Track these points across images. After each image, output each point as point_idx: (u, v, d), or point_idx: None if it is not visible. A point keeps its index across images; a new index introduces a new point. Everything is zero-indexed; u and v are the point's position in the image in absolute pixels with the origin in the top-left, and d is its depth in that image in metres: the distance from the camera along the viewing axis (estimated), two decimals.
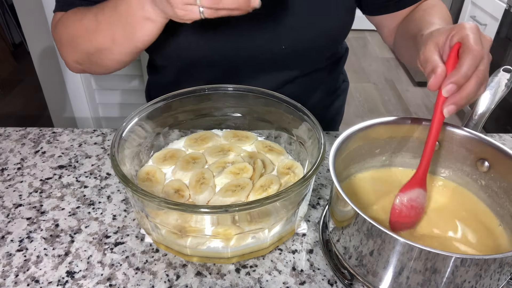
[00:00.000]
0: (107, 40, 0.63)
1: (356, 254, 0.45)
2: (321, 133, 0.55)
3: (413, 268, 0.40)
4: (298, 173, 0.60)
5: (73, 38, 0.67)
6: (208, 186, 0.56)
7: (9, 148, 0.73)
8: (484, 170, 0.53)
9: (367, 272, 0.44)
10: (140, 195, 0.46)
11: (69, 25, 0.67)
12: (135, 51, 0.64)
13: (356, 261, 0.45)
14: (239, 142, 0.66)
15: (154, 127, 0.63)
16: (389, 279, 0.43)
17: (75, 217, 0.60)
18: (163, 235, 0.52)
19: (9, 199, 0.63)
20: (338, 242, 0.48)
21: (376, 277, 0.44)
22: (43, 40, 1.65)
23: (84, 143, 0.75)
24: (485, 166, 0.52)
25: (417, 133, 0.56)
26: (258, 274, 0.52)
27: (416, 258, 0.39)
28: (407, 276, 0.41)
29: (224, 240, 0.50)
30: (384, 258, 0.41)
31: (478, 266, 0.38)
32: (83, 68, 0.71)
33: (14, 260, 0.53)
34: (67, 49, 0.70)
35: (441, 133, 0.54)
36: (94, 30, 0.64)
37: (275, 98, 0.63)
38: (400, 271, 0.41)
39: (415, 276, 0.40)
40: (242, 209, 0.45)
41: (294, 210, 0.53)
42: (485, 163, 0.52)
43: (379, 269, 0.43)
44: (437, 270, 0.39)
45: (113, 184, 0.66)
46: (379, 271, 0.43)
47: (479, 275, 0.39)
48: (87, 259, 0.54)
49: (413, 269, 0.40)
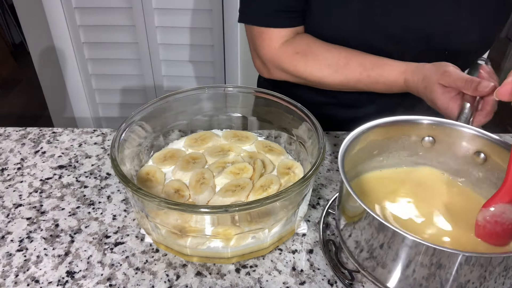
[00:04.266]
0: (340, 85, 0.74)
1: (367, 247, 0.45)
2: (321, 133, 0.55)
3: (419, 262, 0.41)
4: (298, 173, 0.60)
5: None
6: (208, 186, 0.56)
7: (9, 148, 0.73)
8: (480, 162, 0.54)
9: (376, 264, 0.45)
10: (140, 195, 0.46)
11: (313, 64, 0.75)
12: None
13: (367, 253, 0.46)
14: (239, 142, 0.66)
15: (154, 127, 0.63)
16: (398, 273, 0.43)
17: (75, 217, 0.60)
18: (163, 235, 0.52)
19: (9, 199, 0.63)
20: (350, 237, 0.48)
21: (385, 269, 0.44)
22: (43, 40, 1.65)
23: (84, 143, 0.75)
24: (481, 158, 0.54)
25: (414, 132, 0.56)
26: (258, 274, 0.52)
27: (422, 253, 0.40)
28: (414, 270, 0.42)
29: (224, 240, 0.50)
30: (393, 251, 0.42)
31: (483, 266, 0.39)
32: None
33: (14, 260, 0.53)
34: (280, 73, 0.79)
35: (437, 129, 0.55)
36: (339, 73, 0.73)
37: (275, 98, 0.63)
38: (408, 264, 0.42)
39: (421, 270, 0.41)
40: (242, 209, 0.45)
41: (294, 210, 0.53)
42: (481, 155, 0.54)
43: (388, 261, 0.43)
44: (442, 266, 0.40)
45: (113, 184, 0.66)
46: (388, 263, 0.43)
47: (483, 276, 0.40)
48: (87, 259, 0.54)
49: (420, 263, 0.41)
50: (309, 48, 0.75)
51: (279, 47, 0.76)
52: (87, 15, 1.56)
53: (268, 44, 0.76)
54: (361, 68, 0.71)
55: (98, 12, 1.55)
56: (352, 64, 0.72)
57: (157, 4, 1.52)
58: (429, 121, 0.55)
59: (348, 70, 0.72)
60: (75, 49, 1.65)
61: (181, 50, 1.63)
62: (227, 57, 1.63)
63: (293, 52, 0.75)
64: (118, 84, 1.74)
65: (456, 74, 0.60)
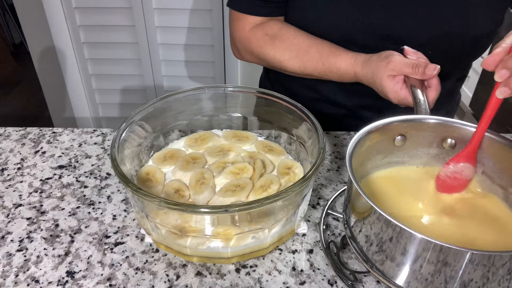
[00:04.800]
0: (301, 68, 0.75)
1: (377, 240, 0.46)
2: (321, 133, 0.55)
3: (427, 258, 0.42)
4: (298, 173, 0.60)
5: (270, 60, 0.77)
6: (208, 186, 0.56)
7: (9, 148, 0.73)
8: (452, 147, 0.57)
9: (385, 258, 0.46)
10: (140, 195, 0.46)
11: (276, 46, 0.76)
12: None
13: (377, 247, 0.46)
14: (239, 142, 0.66)
15: (154, 127, 0.63)
16: (407, 268, 0.44)
17: (75, 217, 0.60)
18: (163, 235, 0.52)
19: (9, 199, 0.63)
20: (360, 233, 0.49)
21: (393, 262, 0.45)
22: (43, 40, 1.65)
23: (84, 143, 0.75)
24: (451, 143, 0.57)
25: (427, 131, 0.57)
26: (258, 274, 0.52)
27: (429, 250, 0.41)
28: (421, 265, 0.43)
29: (224, 240, 0.50)
30: (401, 245, 0.43)
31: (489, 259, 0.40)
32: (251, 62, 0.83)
33: (14, 260, 0.53)
34: (250, 56, 0.80)
35: (406, 125, 0.56)
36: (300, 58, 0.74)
37: (275, 98, 0.63)
38: (416, 259, 0.43)
39: (428, 266, 0.42)
40: (242, 209, 0.45)
41: (294, 210, 0.53)
42: (450, 141, 0.56)
43: (397, 255, 0.44)
44: (448, 263, 0.41)
45: (113, 184, 0.66)
46: (397, 257, 0.44)
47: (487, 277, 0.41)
48: (87, 259, 0.54)
49: (427, 260, 0.42)
50: (279, 32, 0.75)
51: (250, 29, 0.78)
52: (87, 15, 1.56)
53: (242, 28, 0.78)
54: (318, 56, 0.72)
55: (98, 12, 1.55)
56: (312, 51, 0.73)
57: (157, 4, 1.52)
58: (398, 121, 0.56)
59: (307, 57, 0.73)
60: (75, 49, 1.65)
61: (181, 50, 1.63)
62: (227, 57, 1.63)
63: (263, 34, 0.76)
64: (118, 84, 1.74)
65: (401, 62, 0.61)
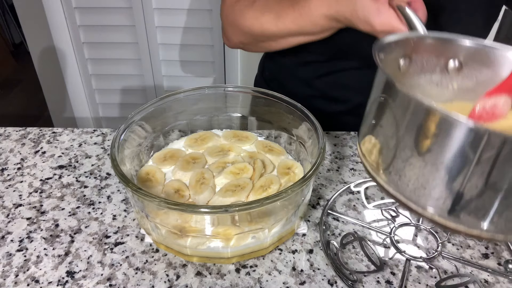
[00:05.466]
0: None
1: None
2: (321, 133, 0.55)
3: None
4: (298, 173, 0.60)
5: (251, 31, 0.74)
6: (208, 186, 0.56)
7: (9, 148, 0.73)
8: (457, 68, 0.48)
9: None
10: (140, 195, 0.46)
11: (248, 16, 0.74)
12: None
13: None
14: (239, 142, 0.66)
15: (154, 127, 0.63)
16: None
17: (75, 217, 0.60)
18: (163, 235, 0.52)
19: (9, 199, 0.63)
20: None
21: None
22: (43, 40, 1.65)
23: (84, 143, 0.75)
24: (456, 65, 0.49)
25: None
26: (258, 274, 0.52)
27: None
28: None
29: (224, 240, 0.50)
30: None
31: None
32: (245, 48, 0.80)
33: (14, 260, 0.53)
34: (234, 30, 0.78)
35: (408, 48, 0.48)
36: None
37: (275, 98, 0.63)
38: None
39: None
40: (242, 209, 0.45)
41: (294, 210, 0.53)
42: (456, 62, 0.48)
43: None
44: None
45: (113, 184, 0.66)
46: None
47: None
48: (87, 259, 0.54)
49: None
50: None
51: (231, 4, 0.77)
52: (87, 15, 1.56)
53: (227, 5, 0.78)
54: (290, 3, 0.69)
55: (98, 12, 1.55)
56: (285, 1, 0.70)
57: (157, 4, 1.52)
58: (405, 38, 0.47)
59: (281, 6, 0.70)
60: (75, 49, 1.65)
61: (181, 50, 1.63)
62: (227, 57, 1.63)
63: (244, 5, 0.74)
64: (118, 84, 1.74)
65: None
